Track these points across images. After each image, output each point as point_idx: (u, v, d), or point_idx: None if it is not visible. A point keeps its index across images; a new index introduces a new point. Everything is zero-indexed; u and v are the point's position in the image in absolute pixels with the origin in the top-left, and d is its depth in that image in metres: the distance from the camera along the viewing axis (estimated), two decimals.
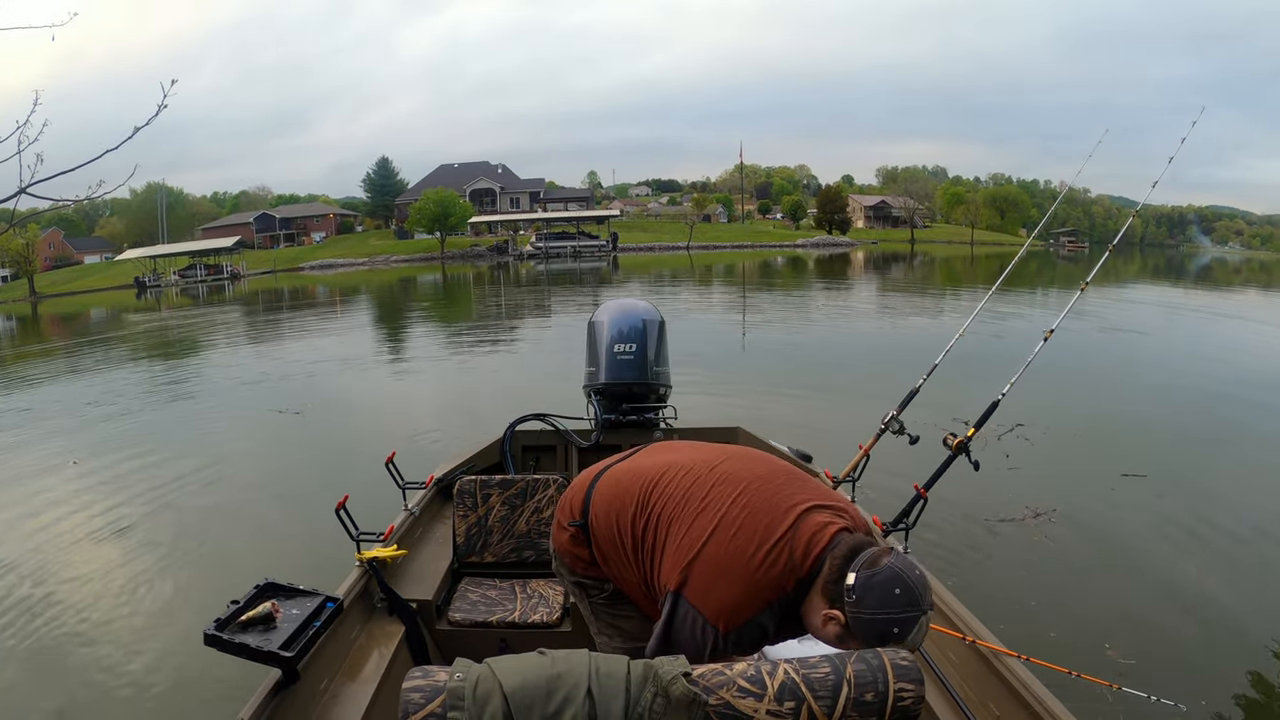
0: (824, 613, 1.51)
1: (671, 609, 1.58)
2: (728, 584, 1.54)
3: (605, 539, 1.78)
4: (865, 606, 1.44)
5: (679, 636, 1.57)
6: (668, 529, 1.65)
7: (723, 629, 1.53)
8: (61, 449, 7.68)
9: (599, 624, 1.88)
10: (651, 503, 1.71)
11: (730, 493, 1.62)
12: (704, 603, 1.54)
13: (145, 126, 2.62)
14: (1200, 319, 17.93)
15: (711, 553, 1.56)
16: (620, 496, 1.77)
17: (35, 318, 30.68)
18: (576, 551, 1.84)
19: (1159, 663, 3.37)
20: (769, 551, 1.53)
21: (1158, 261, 51.65)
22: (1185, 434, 7.05)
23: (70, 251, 61.41)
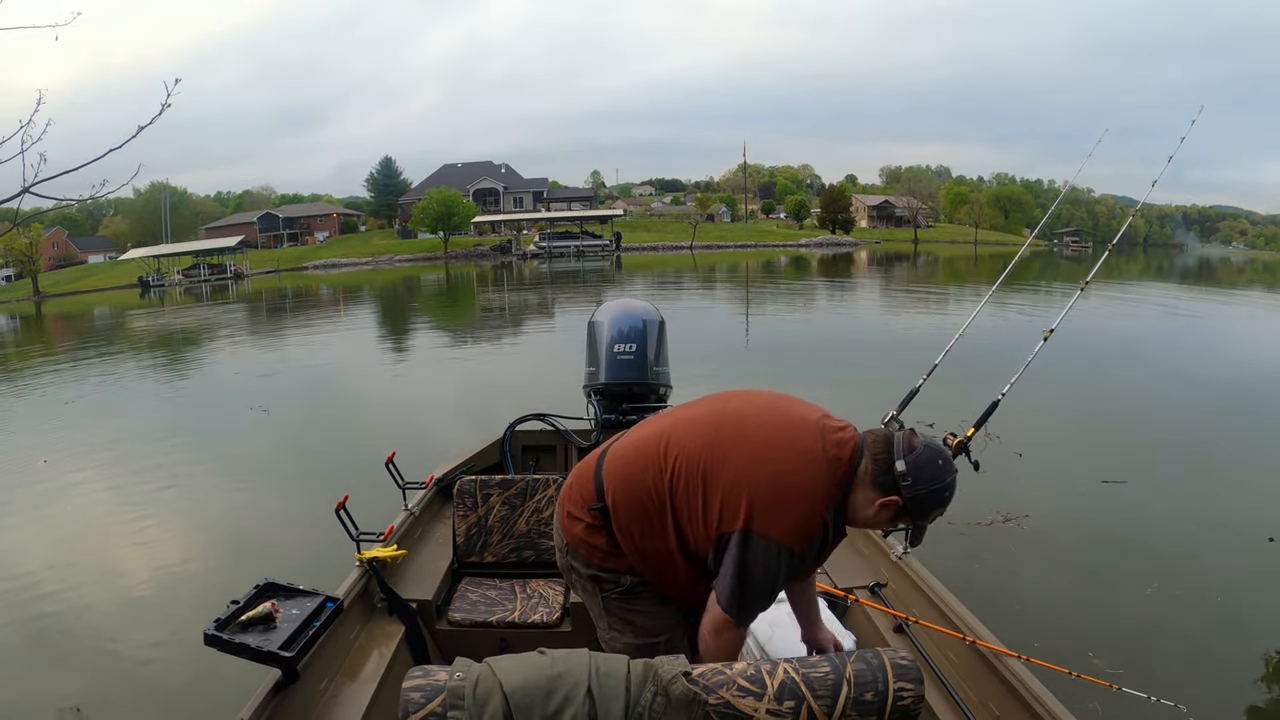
0: (878, 502, 1.64)
1: (742, 547, 1.60)
2: (790, 507, 1.61)
3: (629, 513, 1.75)
4: (922, 483, 1.61)
5: (752, 571, 1.61)
6: (702, 478, 1.67)
7: (797, 549, 1.62)
8: (59, 448, 7.70)
9: (610, 620, 1.85)
10: (671, 460, 1.71)
11: (751, 428, 1.70)
12: (775, 530, 1.60)
13: (148, 126, 2.63)
14: (1199, 320, 17.89)
15: (763, 484, 1.62)
16: (636, 466, 1.76)
17: (39, 317, 30.75)
18: (594, 540, 1.80)
19: (1156, 664, 3.37)
20: (813, 467, 1.64)
21: (1161, 262, 51.47)
22: (1172, 439, 7.05)
23: (74, 251, 61.56)
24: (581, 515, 1.82)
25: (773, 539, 1.60)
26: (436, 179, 64.22)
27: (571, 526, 1.84)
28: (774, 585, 1.65)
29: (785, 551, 1.61)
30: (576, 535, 1.83)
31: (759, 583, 1.63)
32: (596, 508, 1.78)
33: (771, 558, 1.61)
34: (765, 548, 1.60)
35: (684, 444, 1.72)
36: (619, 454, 1.83)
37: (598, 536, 1.80)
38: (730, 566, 1.63)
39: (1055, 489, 5.60)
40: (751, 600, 1.66)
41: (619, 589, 1.81)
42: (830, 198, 67.73)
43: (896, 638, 2.37)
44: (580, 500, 1.83)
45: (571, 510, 1.85)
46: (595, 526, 1.80)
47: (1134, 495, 5.37)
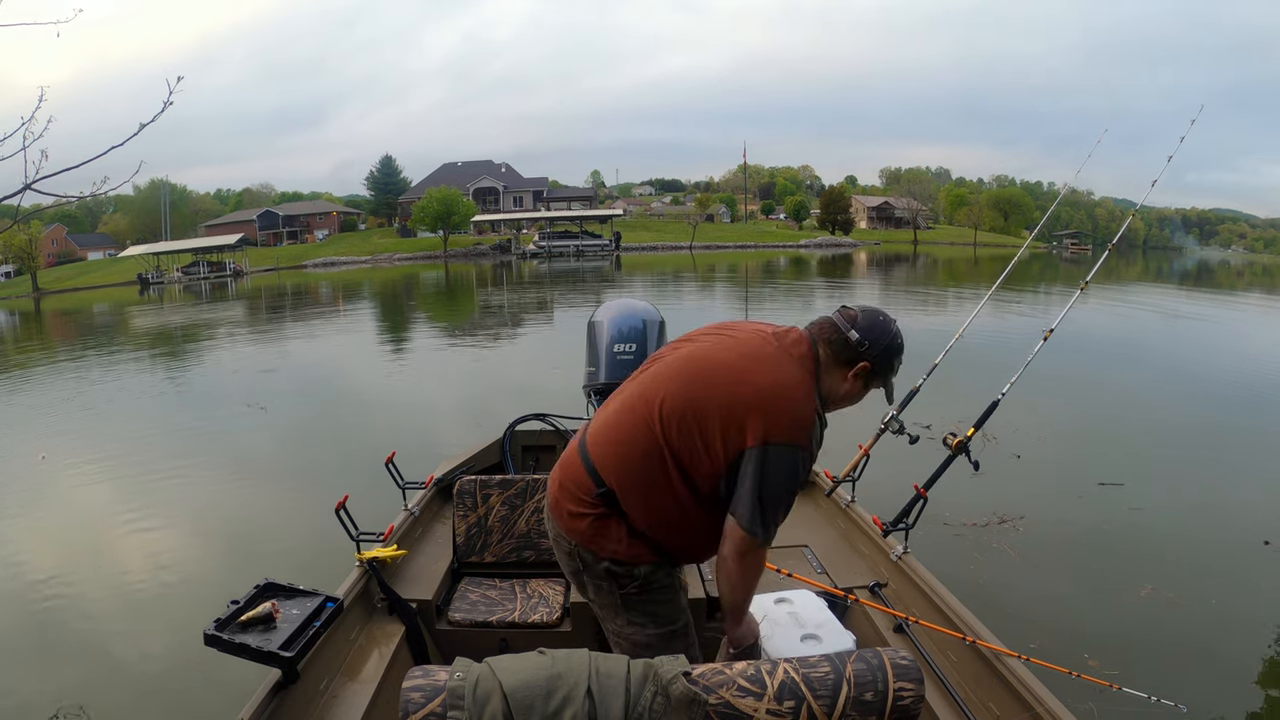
0: (850, 375, 1.78)
1: (761, 460, 1.65)
2: (789, 408, 1.69)
3: (633, 483, 1.75)
4: (879, 340, 1.77)
5: (774, 481, 1.67)
6: (694, 415, 1.70)
7: (805, 444, 1.70)
8: (56, 445, 7.71)
9: (629, 615, 1.82)
10: (658, 411, 1.73)
11: (719, 357, 1.77)
12: (785, 434, 1.67)
13: (150, 124, 2.64)
14: (1197, 323, 17.91)
15: (758, 398, 1.68)
16: (625, 433, 1.78)
17: (38, 314, 30.71)
18: (606, 530, 1.77)
19: (1151, 666, 3.38)
20: (789, 367, 1.74)
21: (1160, 265, 51.50)
22: (1169, 441, 7.07)
23: (73, 248, 61.48)
24: (585, 508, 1.79)
25: (786, 443, 1.66)
26: (436, 178, 64.18)
27: (577, 524, 1.81)
28: (794, 490, 1.72)
29: (800, 451, 1.69)
30: (584, 531, 1.80)
31: (782, 491, 1.69)
32: (600, 493, 1.77)
33: (789, 462, 1.67)
34: (780, 454, 1.66)
35: (664, 391, 1.75)
36: (600, 433, 1.83)
37: (608, 524, 1.78)
38: (749, 483, 1.66)
39: (1051, 490, 5.60)
40: (773, 512, 1.69)
41: (636, 583, 1.80)
42: (830, 199, 67.74)
43: (896, 638, 2.37)
44: (578, 494, 1.81)
45: (572, 508, 1.82)
46: (603, 515, 1.78)
47: (1130, 497, 5.36)
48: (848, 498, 3.26)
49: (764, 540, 1.71)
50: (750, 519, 1.67)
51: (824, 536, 3.14)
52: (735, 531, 1.70)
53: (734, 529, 1.70)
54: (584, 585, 1.88)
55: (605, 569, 1.80)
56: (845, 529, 3.15)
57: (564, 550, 1.88)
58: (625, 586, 1.81)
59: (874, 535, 2.88)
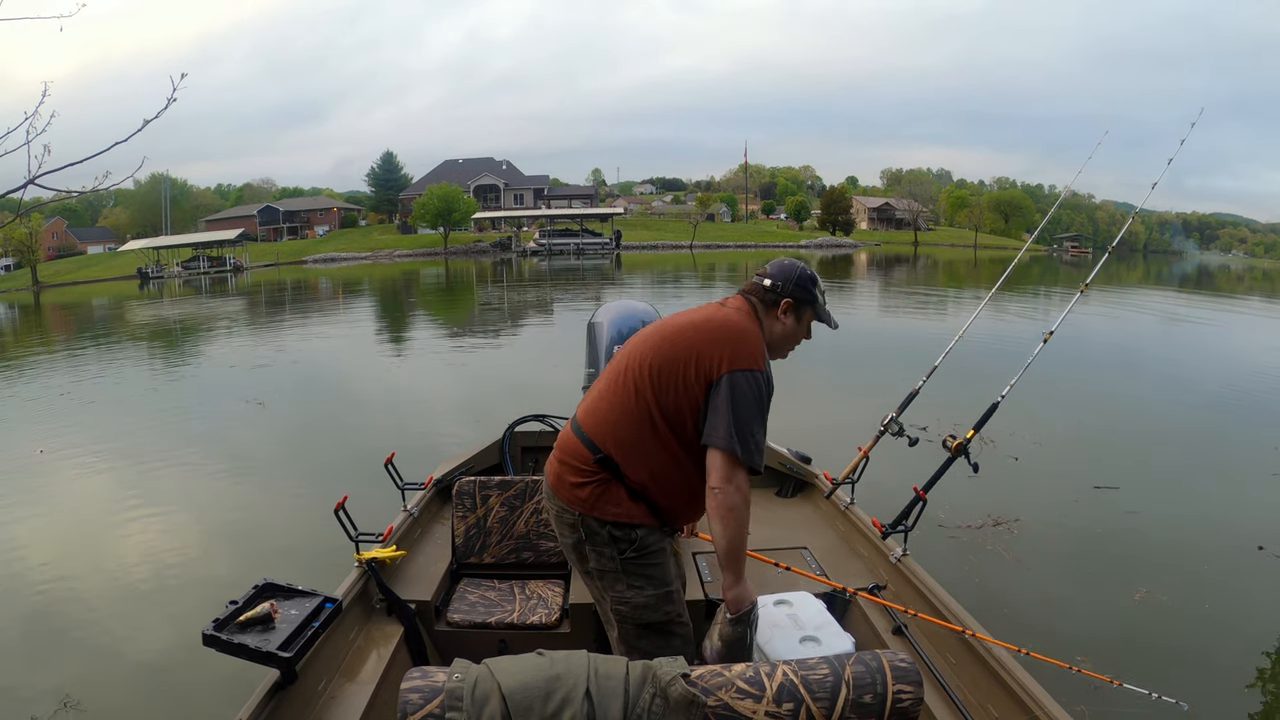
0: (778, 314, 2.07)
1: (730, 387, 1.87)
2: (745, 340, 1.94)
3: (630, 442, 1.93)
4: (789, 276, 2.06)
5: (742, 399, 1.87)
6: (671, 364, 1.92)
7: (763, 367, 1.93)
8: (55, 438, 7.69)
9: (629, 579, 1.97)
10: (641, 370, 1.95)
11: (685, 321, 2.02)
12: (745, 361, 1.89)
13: (154, 120, 2.62)
14: (1196, 326, 17.93)
15: (720, 336, 1.93)
16: (617, 400, 1.97)
17: (37, 307, 30.69)
18: (609, 495, 1.93)
19: (1146, 668, 3.37)
20: (738, 317, 2.00)
21: (1160, 269, 51.50)
22: (1165, 444, 7.08)
23: (74, 242, 61.40)
24: (586, 477, 1.95)
25: (747, 368, 1.89)
26: (437, 174, 64.16)
27: (579, 493, 1.96)
28: (763, 411, 1.92)
29: (759, 374, 1.91)
30: (587, 499, 1.95)
31: (752, 408, 1.88)
32: (598, 459, 1.94)
33: (752, 383, 1.89)
34: (744, 377, 1.88)
35: (641, 354, 1.98)
36: (591, 407, 2.03)
37: (609, 489, 1.94)
38: (722, 406, 1.86)
39: (1047, 493, 5.60)
40: (747, 427, 1.86)
41: (633, 546, 1.95)
42: (831, 199, 67.72)
43: (895, 639, 2.38)
44: (578, 464, 1.97)
45: (573, 479, 1.97)
46: (604, 480, 1.94)
47: (1126, 501, 5.37)
48: (847, 500, 3.26)
49: (743, 456, 1.84)
50: (727, 437, 1.84)
51: (823, 538, 3.15)
52: (715, 457, 1.86)
53: (714, 455, 1.86)
54: (585, 556, 2.01)
55: (608, 534, 1.95)
56: (845, 531, 3.15)
57: (567, 524, 2.02)
58: (624, 551, 1.95)
59: (873, 537, 2.88)
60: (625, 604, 1.98)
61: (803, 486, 3.70)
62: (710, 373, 1.89)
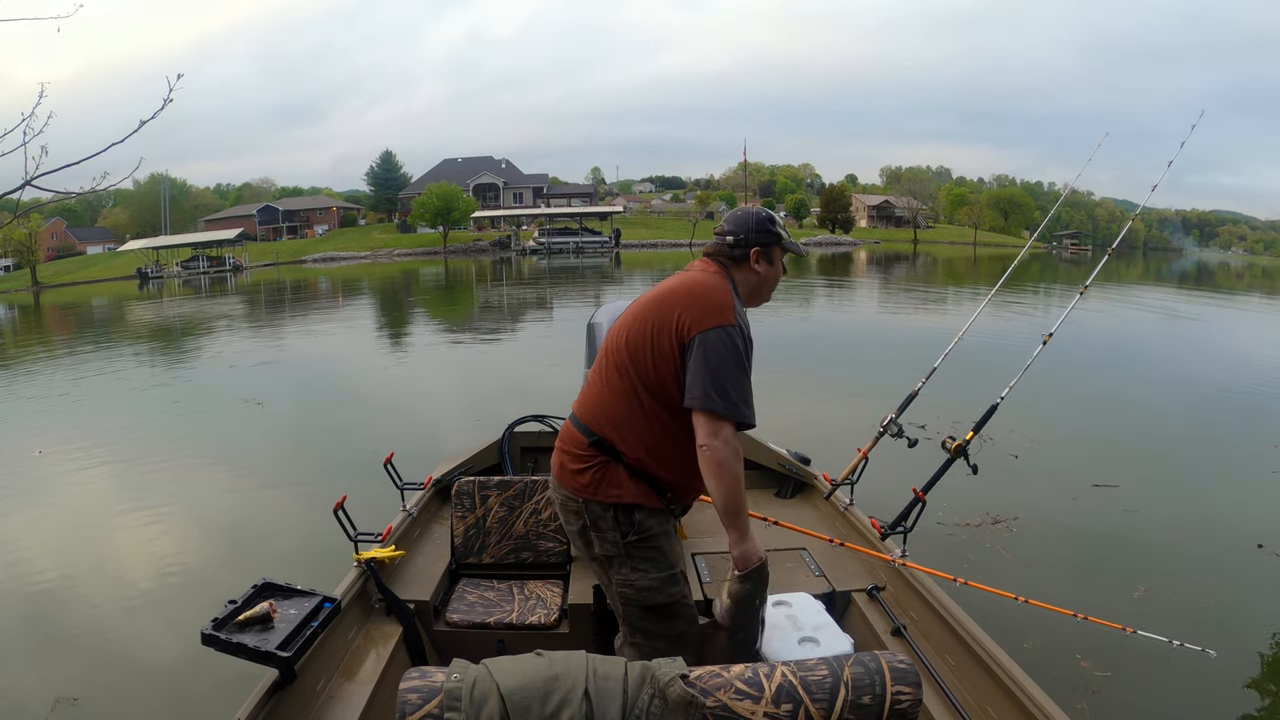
0: (749, 265, 2.08)
1: (701, 347, 1.89)
2: (712, 297, 1.96)
3: (622, 422, 1.96)
4: (747, 225, 2.08)
5: (715, 356, 1.89)
6: (642, 337, 1.97)
7: (733, 321, 1.93)
8: (53, 439, 7.69)
9: (633, 563, 1.99)
10: (619, 350, 2.00)
11: (657, 292, 2.06)
12: (714, 319, 1.91)
13: (151, 120, 2.62)
14: (1196, 324, 17.92)
15: (685, 299, 1.97)
16: (608, 384, 2.02)
17: (37, 307, 30.68)
18: (606, 477, 1.96)
19: (1144, 669, 3.37)
20: (704, 276, 2.04)
21: (1160, 266, 51.48)
22: (1165, 443, 7.07)
23: (73, 242, 61.34)
24: (585, 462, 1.99)
25: (716, 325, 1.90)
26: (437, 173, 64.09)
27: (580, 479, 1.99)
28: (741, 363, 1.92)
29: (730, 329, 1.91)
30: (588, 484, 1.98)
31: (728, 363, 1.89)
32: (593, 442, 1.98)
33: (723, 338, 1.90)
34: (715, 335, 1.89)
35: (618, 334, 2.03)
36: (584, 396, 2.09)
37: (608, 471, 1.97)
38: (695, 367, 1.88)
39: (1046, 491, 5.59)
40: (723, 381, 1.88)
41: (635, 529, 1.98)
42: (830, 197, 67.63)
43: (894, 641, 2.38)
44: (576, 451, 2.01)
45: (574, 466, 2.01)
46: (603, 463, 1.97)
47: (1125, 499, 5.36)
48: (846, 501, 3.26)
49: (724, 410, 1.86)
50: (704, 394, 1.86)
51: (822, 539, 3.14)
52: (698, 417, 1.88)
53: (697, 416, 1.88)
54: (590, 543, 2.03)
55: (611, 517, 1.97)
56: (844, 532, 3.15)
57: (571, 511, 2.04)
58: (627, 534, 1.98)
59: (872, 538, 2.88)
60: (630, 586, 2.00)
61: (802, 487, 3.70)
62: (683, 337, 1.91)
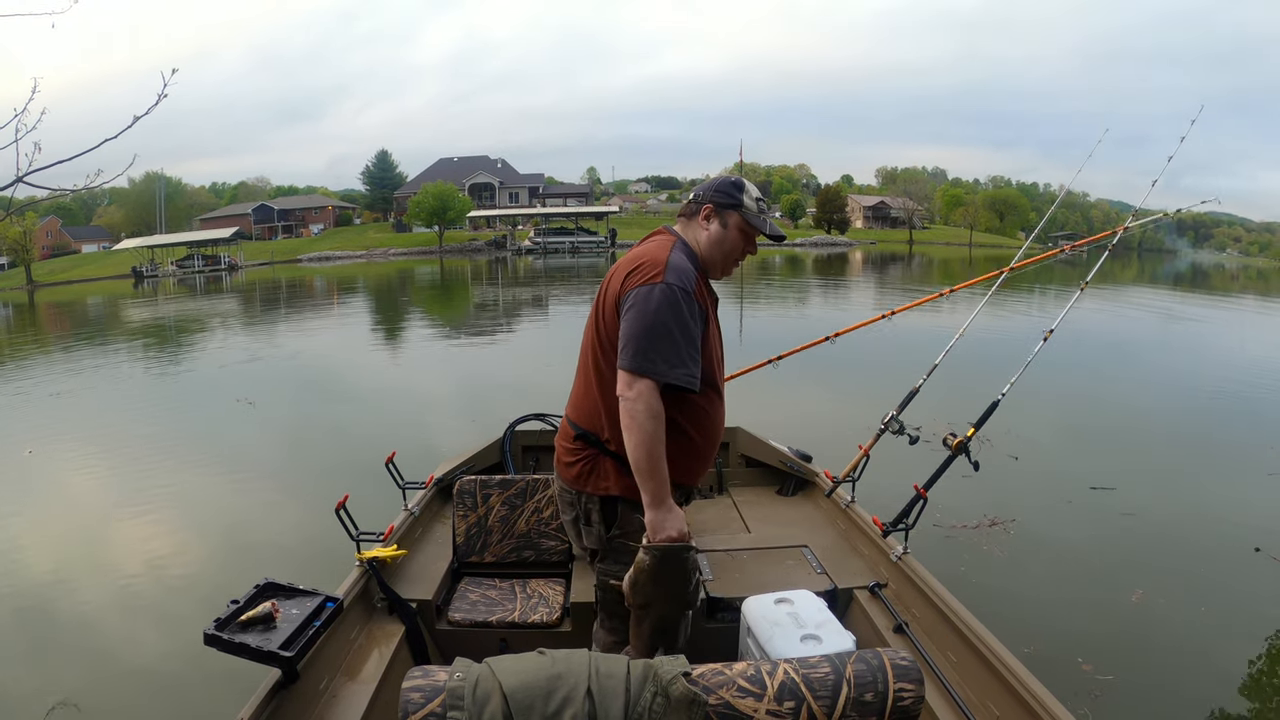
0: (699, 223, 2.04)
1: (628, 302, 1.88)
2: (647, 259, 1.92)
3: (602, 412, 1.98)
4: (708, 187, 2.07)
5: (637, 313, 1.85)
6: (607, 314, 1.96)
7: (663, 278, 1.86)
8: (45, 439, 7.66)
9: (614, 556, 2.03)
10: (596, 339, 2.01)
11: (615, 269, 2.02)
12: (645, 278, 1.88)
13: (145, 116, 2.60)
14: (1193, 325, 17.99)
15: (627, 264, 1.96)
16: (583, 380, 2.07)
17: (31, 306, 30.56)
18: (595, 469, 2.00)
19: (1141, 672, 3.39)
20: (649, 243, 2.03)
21: (1155, 268, 51.64)
22: (1162, 445, 7.08)
23: (68, 240, 61.17)
24: (575, 456, 2.04)
25: (642, 283, 1.87)
26: (432, 173, 64.05)
27: (571, 471, 2.05)
28: (662, 316, 1.83)
29: (657, 286, 1.85)
30: (579, 476, 2.03)
31: (647, 317, 1.83)
32: (577, 435, 2.03)
33: (648, 295, 1.85)
34: (639, 293, 1.86)
35: (587, 327, 2.06)
36: (571, 392, 2.14)
37: (597, 463, 2.00)
38: (623, 325, 1.86)
39: (1044, 493, 5.59)
40: (641, 337, 1.83)
41: (619, 523, 2.01)
42: (826, 198, 67.80)
43: (896, 638, 2.38)
44: (567, 445, 2.08)
45: (567, 460, 2.07)
46: (591, 456, 2.01)
47: (1122, 501, 5.37)
48: (848, 498, 3.27)
49: (638, 365, 1.82)
50: (621, 349, 1.85)
51: (824, 537, 3.15)
52: (619, 373, 1.86)
53: (619, 372, 1.86)
54: (579, 534, 2.11)
55: (599, 510, 2.02)
56: (845, 529, 3.16)
57: (567, 502, 2.12)
58: (610, 529, 2.03)
59: (874, 535, 2.88)
60: (610, 577, 2.05)
61: (803, 485, 3.71)
62: (619, 304, 1.91)
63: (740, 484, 3.86)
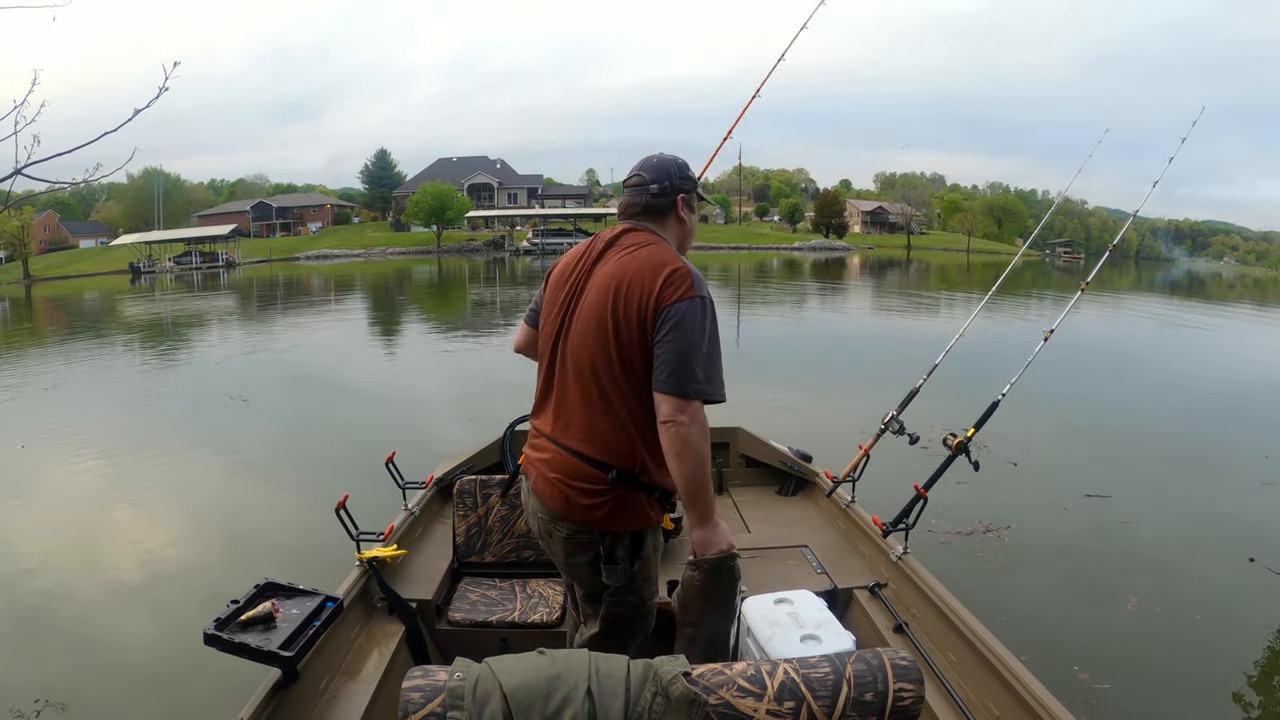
0: (676, 216, 1.93)
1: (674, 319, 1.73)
2: (667, 267, 1.78)
3: (626, 439, 1.81)
4: (669, 172, 1.91)
5: (692, 334, 1.72)
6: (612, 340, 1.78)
7: (706, 294, 1.77)
8: (37, 434, 7.63)
9: (636, 587, 1.91)
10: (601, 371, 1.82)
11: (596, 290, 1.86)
12: (680, 291, 1.74)
13: (145, 109, 2.59)
14: (1191, 332, 18.04)
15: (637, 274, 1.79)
16: (593, 412, 1.86)
17: (28, 300, 30.49)
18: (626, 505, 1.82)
19: (1137, 678, 3.38)
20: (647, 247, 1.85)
21: (1152, 275, 51.78)
22: (1158, 453, 7.08)
23: (65, 235, 61.00)
24: (603, 495, 1.81)
25: (683, 298, 1.73)
26: (431, 172, 64.08)
27: (595, 512, 1.82)
28: (712, 339, 1.75)
29: (699, 301, 1.74)
30: (605, 516, 1.83)
31: (699, 338, 1.72)
32: (614, 476, 1.79)
33: (696, 313, 1.73)
34: (685, 308, 1.72)
35: (578, 357, 1.84)
36: (578, 428, 1.87)
37: (629, 497, 1.82)
38: (671, 345, 1.71)
39: (1039, 501, 5.58)
40: (700, 364, 1.72)
41: (642, 553, 1.89)
42: (824, 202, 68.06)
43: (896, 638, 2.38)
44: (589, 486, 1.82)
45: (589, 501, 1.82)
46: (620, 494, 1.81)
47: (1118, 510, 5.36)
48: (848, 498, 3.27)
49: (692, 393, 1.72)
50: (675, 380, 1.73)
51: (824, 536, 3.15)
52: (664, 401, 1.74)
53: (663, 401, 1.74)
54: (598, 573, 1.90)
55: (626, 546, 1.86)
56: (845, 529, 3.16)
57: (580, 544, 1.88)
58: (635, 561, 1.88)
59: (874, 535, 2.88)
60: (625, 607, 1.94)
61: (803, 485, 3.71)
62: (648, 319, 1.79)
63: (740, 484, 3.86)
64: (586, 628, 2.03)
